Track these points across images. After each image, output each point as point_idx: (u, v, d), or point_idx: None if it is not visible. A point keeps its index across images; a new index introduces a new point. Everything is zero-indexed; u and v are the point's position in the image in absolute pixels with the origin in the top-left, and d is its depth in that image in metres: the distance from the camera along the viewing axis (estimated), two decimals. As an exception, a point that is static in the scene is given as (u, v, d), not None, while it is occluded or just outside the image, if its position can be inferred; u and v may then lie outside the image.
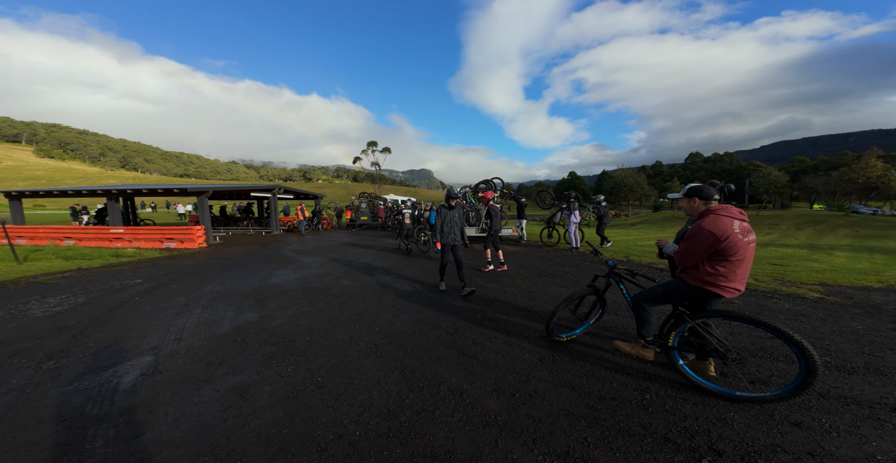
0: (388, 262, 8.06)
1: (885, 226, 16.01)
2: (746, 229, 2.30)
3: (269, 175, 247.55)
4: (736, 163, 58.77)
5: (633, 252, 8.96)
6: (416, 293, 5.38)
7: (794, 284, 5.67)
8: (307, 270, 7.28)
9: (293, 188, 16.82)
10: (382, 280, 6.26)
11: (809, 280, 5.88)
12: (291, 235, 14.72)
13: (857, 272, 6.64)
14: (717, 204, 2.47)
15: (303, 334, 3.79)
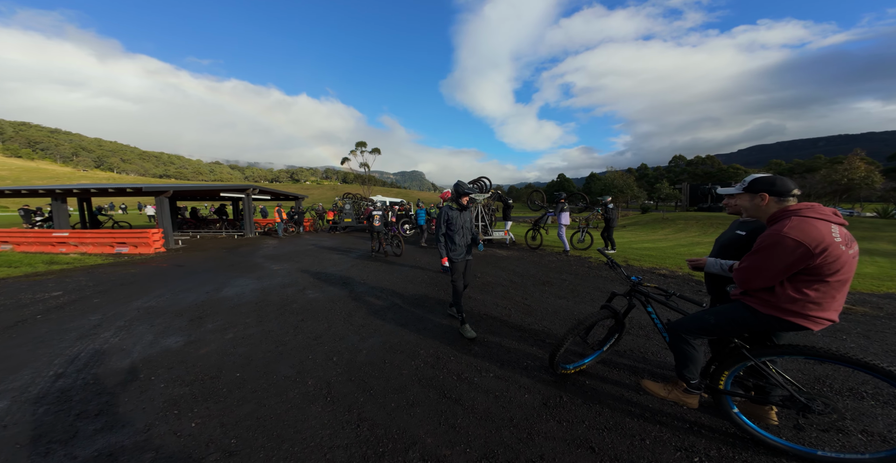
0: (367, 269, 7.21)
1: (871, 228, 16.12)
2: (848, 238, 1.61)
3: (254, 176, 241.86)
4: (717, 166, 60.40)
5: (632, 256, 8.38)
6: (395, 309, 4.57)
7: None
8: (271, 279, 6.36)
9: (270, 189, 15.72)
10: (356, 292, 5.42)
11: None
12: (267, 239, 13.64)
13: (870, 277, 6.20)
14: (797, 201, 1.78)
15: (233, 368, 2.94)
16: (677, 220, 21.51)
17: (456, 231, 3.65)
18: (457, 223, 3.65)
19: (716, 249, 2.26)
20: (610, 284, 5.65)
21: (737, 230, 2.14)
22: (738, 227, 2.17)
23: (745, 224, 2.12)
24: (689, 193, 32.21)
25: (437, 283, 5.93)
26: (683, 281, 5.92)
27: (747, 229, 2.07)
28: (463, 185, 3.64)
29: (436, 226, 3.68)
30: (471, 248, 3.86)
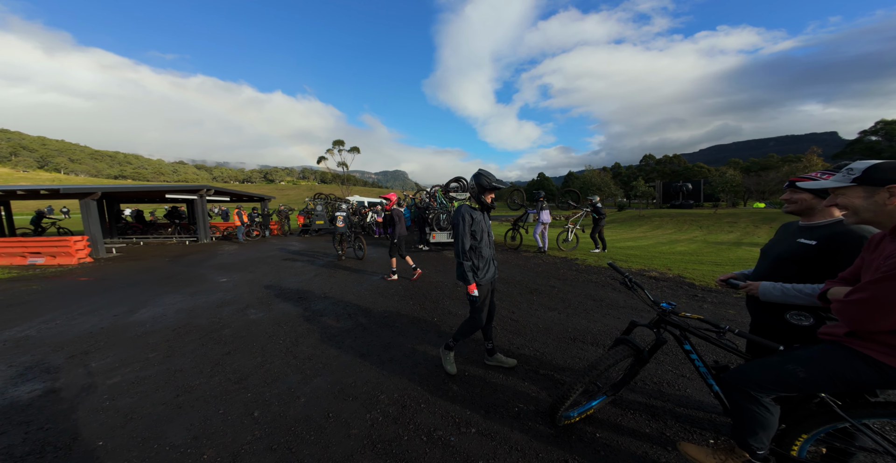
0: (332, 279, 6.29)
1: (829, 222, 16.94)
2: None
3: (223, 176, 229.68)
4: (683, 164, 63.51)
5: (618, 256, 7.98)
6: (356, 331, 3.74)
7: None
8: (208, 294, 5.32)
9: (229, 189, 14.22)
10: (313, 309, 4.52)
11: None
12: (226, 245, 12.26)
13: None
14: None
15: (98, 431, 2.05)
16: (653, 218, 21.92)
17: (481, 241, 2.58)
18: (482, 229, 2.59)
19: (766, 265, 1.65)
20: (604, 292, 5.10)
21: (799, 238, 1.53)
22: (798, 233, 1.56)
23: (810, 230, 1.52)
24: (662, 191, 33.31)
25: (413, 294, 5.15)
26: (676, 284, 5.48)
27: (818, 237, 1.47)
28: (488, 175, 2.54)
29: (454, 235, 2.60)
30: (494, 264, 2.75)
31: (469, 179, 2.82)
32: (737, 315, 4.00)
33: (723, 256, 8.74)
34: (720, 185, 24.62)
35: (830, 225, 1.47)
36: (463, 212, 2.58)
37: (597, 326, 3.71)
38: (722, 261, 7.79)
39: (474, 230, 2.55)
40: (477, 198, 2.63)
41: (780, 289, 1.46)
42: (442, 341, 3.39)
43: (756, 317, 1.71)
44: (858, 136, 40.50)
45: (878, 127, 38.33)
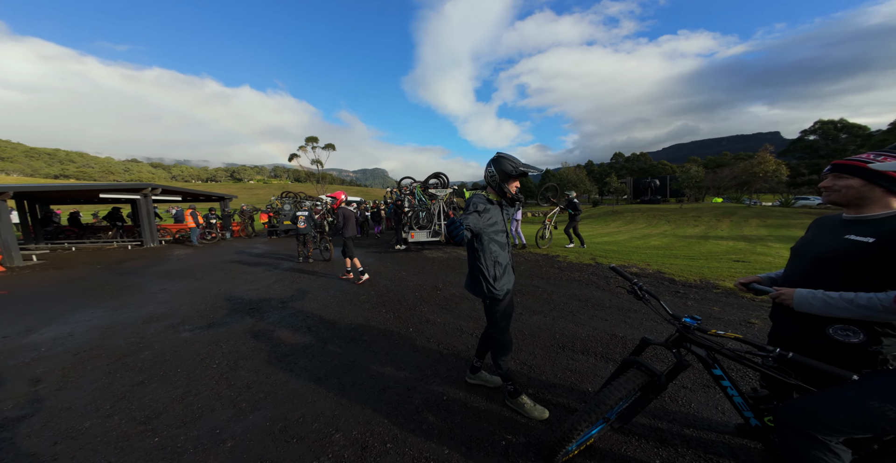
0: (295, 286, 5.63)
1: (782, 216, 18.20)
2: None
3: (183, 175, 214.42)
4: (649, 162, 67.13)
5: (597, 252, 7.88)
6: (314, 350, 3.19)
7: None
8: (138, 308, 4.51)
9: (180, 188, 12.80)
10: (265, 322, 3.89)
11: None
12: (177, 249, 11.02)
13: None
14: None
15: None
16: (625, 213, 22.65)
17: (499, 241, 2.09)
18: (499, 228, 2.08)
19: (802, 267, 1.33)
20: (588, 291, 4.85)
21: (847, 234, 1.22)
22: (844, 228, 1.25)
23: (862, 224, 1.20)
24: (633, 187, 34.83)
25: (386, 301, 4.63)
26: (657, 280, 5.36)
27: (878, 233, 1.15)
28: (512, 159, 2.00)
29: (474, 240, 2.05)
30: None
31: (489, 166, 2.20)
32: (721, 312, 3.85)
33: (694, 249, 8.91)
34: (686, 181, 25.98)
35: (893, 218, 1.16)
36: (475, 200, 2.04)
37: (585, 331, 3.40)
38: (695, 255, 7.90)
39: (491, 222, 2.03)
40: (498, 188, 2.03)
41: (823, 298, 1.14)
42: (418, 357, 2.94)
43: (784, 330, 1.38)
44: (799, 135, 44.36)
45: (816, 127, 42.17)
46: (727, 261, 6.93)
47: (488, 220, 2.02)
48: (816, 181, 41.28)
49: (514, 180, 2.05)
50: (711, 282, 5.14)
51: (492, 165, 2.04)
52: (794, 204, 23.93)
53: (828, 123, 41.49)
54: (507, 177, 2.00)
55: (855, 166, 1.16)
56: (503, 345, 2.16)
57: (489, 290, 2.04)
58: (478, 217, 1.97)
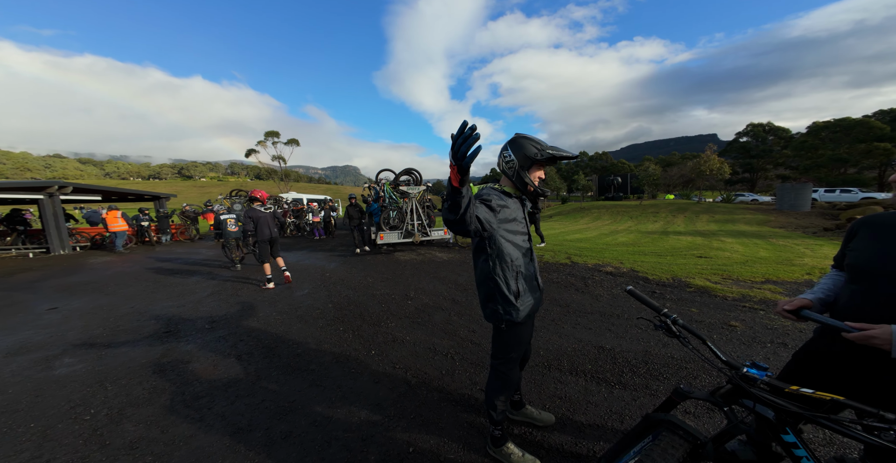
0: (234, 300, 4.79)
1: (726, 211, 19.78)
2: None
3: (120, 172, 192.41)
4: (609, 161, 71.52)
5: (571, 250, 7.77)
6: (240, 387, 2.53)
7: (752, 284, 4.84)
8: (9, 334, 3.49)
9: (98, 186, 10.88)
10: (176, 354, 3.11)
11: (756, 277, 5.22)
12: (93, 256, 9.35)
13: (773, 262, 6.45)
14: None
15: None
16: (592, 209, 23.52)
17: (519, 245, 1.60)
18: (519, 228, 1.61)
19: (881, 292, 0.98)
20: (567, 294, 4.56)
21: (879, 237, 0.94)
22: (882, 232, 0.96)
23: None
24: (598, 184, 36.57)
25: (345, 316, 3.99)
26: (631, 280, 5.26)
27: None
28: (536, 141, 1.53)
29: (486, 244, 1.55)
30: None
31: (504, 150, 1.57)
32: (700, 314, 3.71)
33: (659, 245, 9.17)
34: (644, 178, 27.63)
35: None
36: (485, 193, 1.56)
37: (570, 344, 3.05)
38: (661, 251, 8.07)
39: (507, 219, 1.53)
40: (517, 178, 1.54)
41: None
42: (380, 391, 2.39)
43: (852, 371, 1.04)
44: (735, 137, 49.19)
45: (749, 129, 46.98)
46: (691, 257, 7.11)
47: (505, 217, 1.53)
48: (749, 179, 46.62)
49: (538, 168, 1.59)
50: (683, 280, 5.12)
51: (508, 149, 1.56)
52: (735, 200, 26.32)
53: (758, 126, 46.39)
54: (529, 163, 1.52)
55: None
56: (507, 381, 1.68)
57: (506, 311, 1.53)
58: (487, 211, 1.44)
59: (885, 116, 28.80)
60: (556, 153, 1.50)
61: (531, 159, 1.50)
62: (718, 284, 4.88)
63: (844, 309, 1.06)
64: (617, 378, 2.51)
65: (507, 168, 1.57)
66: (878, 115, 29.89)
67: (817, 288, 1.20)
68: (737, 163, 43.36)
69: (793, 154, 34.98)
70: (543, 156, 1.49)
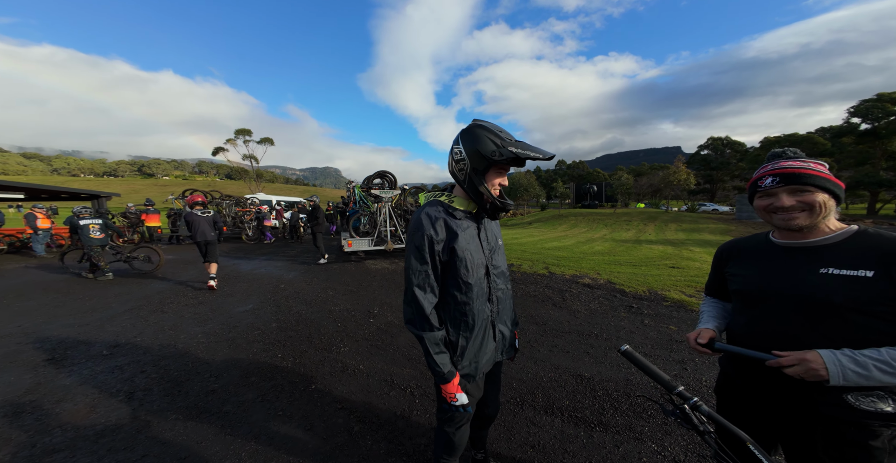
0: (153, 318, 4.04)
1: (692, 220, 20.69)
2: None
3: (70, 168, 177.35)
4: (586, 169, 74.47)
5: (549, 260, 7.53)
6: (109, 439, 1.93)
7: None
8: None
9: (15, 182, 9.43)
10: (46, 390, 2.42)
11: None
12: (9, 261, 8.02)
13: None
14: None
15: None
16: (569, 217, 23.85)
17: (468, 285, 1.16)
18: (469, 260, 1.15)
19: (783, 315, 0.93)
20: (544, 309, 4.22)
21: (822, 269, 0.89)
22: (806, 260, 0.93)
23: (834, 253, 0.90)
24: (575, 192, 37.54)
25: (291, 337, 3.40)
26: (609, 292, 5.02)
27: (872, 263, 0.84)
28: (496, 132, 1.09)
29: (409, 272, 1.14)
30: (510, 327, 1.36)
31: (455, 144, 1.04)
32: (680, 332, 3.47)
33: (633, 254, 9.17)
34: (618, 187, 28.57)
35: (860, 238, 0.88)
36: (424, 217, 1.13)
37: (546, 372, 2.67)
38: (636, 261, 8.02)
39: (449, 260, 1.14)
40: (469, 185, 1.13)
41: (863, 364, 0.78)
42: (312, 442, 1.87)
43: (765, 395, 0.98)
44: (697, 150, 52.50)
45: (709, 142, 50.32)
46: (665, 267, 7.06)
47: (443, 253, 1.13)
48: (709, 190, 49.90)
49: (499, 172, 1.14)
50: (659, 293, 4.96)
51: (460, 143, 1.12)
52: (698, 209, 27.76)
53: (717, 140, 49.81)
54: (485, 164, 1.08)
55: (818, 176, 0.89)
56: (451, 445, 1.30)
57: (449, 368, 1.15)
58: (427, 275, 1.11)
59: (825, 133, 31.67)
60: (521, 152, 1.06)
61: (487, 160, 1.07)
62: (693, 297, 4.73)
63: (746, 336, 1.02)
64: (597, 417, 2.14)
65: (458, 170, 1.14)
66: (819, 132, 32.84)
67: (707, 317, 1.18)
68: (699, 174, 46.21)
69: (747, 166, 37.66)
70: (504, 155, 1.05)
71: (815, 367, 0.79)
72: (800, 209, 0.90)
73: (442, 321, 1.17)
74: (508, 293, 1.32)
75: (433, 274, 1.12)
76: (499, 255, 1.29)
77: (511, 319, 1.37)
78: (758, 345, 0.93)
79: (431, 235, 1.10)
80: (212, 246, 5.43)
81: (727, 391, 1.13)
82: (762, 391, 0.98)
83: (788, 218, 0.91)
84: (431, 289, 1.12)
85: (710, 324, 1.14)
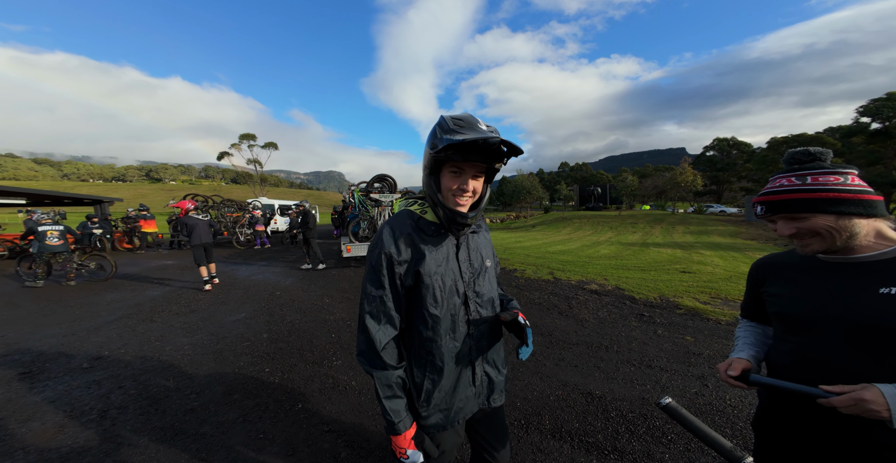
0: (141, 327, 3.89)
1: (699, 223, 20.31)
2: None
3: (80, 173, 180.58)
4: (589, 171, 74.33)
5: (554, 265, 7.31)
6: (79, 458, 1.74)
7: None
8: None
9: (18, 188, 9.42)
10: (15, 406, 2.28)
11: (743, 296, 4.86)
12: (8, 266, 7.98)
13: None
14: None
15: None
16: (573, 219, 23.56)
17: (435, 315, 0.93)
18: (435, 284, 0.93)
19: (832, 342, 0.79)
20: (550, 318, 4.00)
21: (881, 288, 0.73)
22: (865, 277, 0.77)
23: (888, 270, 0.74)
24: (579, 194, 37.31)
25: (284, 348, 3.23)
26: (618, 299, 4.80)
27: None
28: (451, 122, 0.84)
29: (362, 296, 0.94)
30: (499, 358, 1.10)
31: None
32: (697, 344, 3.24)
33: (641, 258, 8.91)
34: (623, 189, 28.24)
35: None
36: (387, 231, 0.94)
37: (552, 388, 2.46)
38: (644, 265, 7.76)
39: (414, 286, 0.94)
40: (431, 192, 0.92)
41: None
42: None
43: (812, 429, 0.82)
44: (702, 151, 51.92)
45: (715, 143, 49.78)
46: (675, 272, 6.80)
47: (405, 276, 0.92)
48: (716, 191, 49.25)
49: (451, 174, 0.89)
50: (671, 300, 4.72)
51: (428, 139, 0.91)
52: (706, 211, 27.30)
53: (723, 141, 49.27)
54: (431, 163, 0.89)
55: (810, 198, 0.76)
56: None
57: (401, 419, 0.92)
58: (382, 302, 0.92)
59: (834, 133, 31.14)
60: (450, 138, 0.80)
61: (432, 157, 0.86)
62: (708, 305, 4.49)
63: (790, 367, 0.87)
64: (611, 442, 1.92)
65: (425, 176, 0.93)
66: (828, 132, 32.30)
67: (742, 344, 1.02)
68: (705, 175, 45.71)
69: (755, 167, 37.12)
70: (437, 147, 0.81)
71: (876, 408, 0.65)
72: (808, 235, 0.79)
73: (402, 358, 0.96)
74: (496, 326, 1.06)
75: (391, 301, 0.91)
76: (485, 279, 1.03)
77: (501, 359, 1.11)
78: (805, 377, 0.79)
79: (391, 254, 0.90)
80: (210, 248, 5.73)
81: (767, 426, 0.97)
82: (808, 425, 0.83)
83: (802, 244, 0.82)
84: (388, 319, 0.92)
85: (745, 352, 0.98)
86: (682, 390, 2.45)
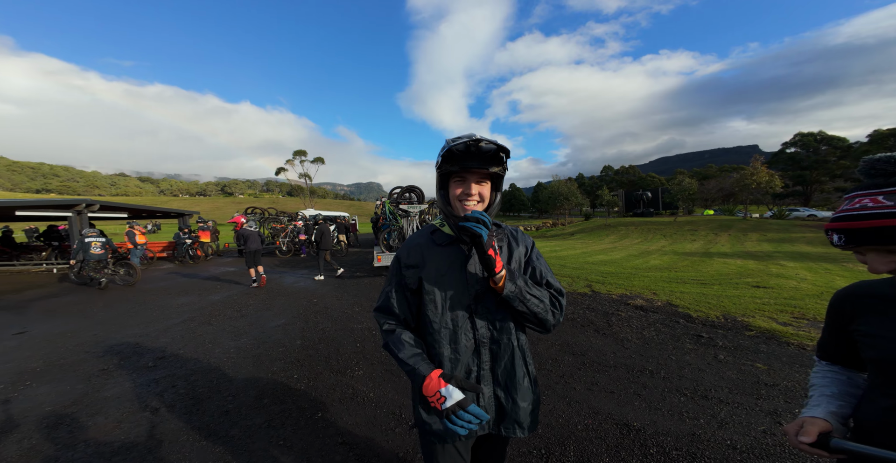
0: (199, 330, 4.38)
1: (780, 229, 17.54)
2: None
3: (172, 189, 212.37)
4: (637, 174, 68.28)
5: (593, 277, 6.76)
6: (110, 460, 1.94)
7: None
8: None
9: (123, 203, 11.35)
10: (90, 401, 2.63)
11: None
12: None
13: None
14: None
15: None
16: (619, 227, 21.76)
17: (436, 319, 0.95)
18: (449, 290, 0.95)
19: None
20: (584, 337, 3.67)
21: None
22: None
23: None
24: (624, 200, 34.43)
25: (312, 356, 3.39)
26: (669, 317, 4.26)
27: None
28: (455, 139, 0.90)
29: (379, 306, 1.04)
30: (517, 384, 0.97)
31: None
32: (771, 374, 2.73)
33: (701, 270, 7.88)
34: (678, 193, 25.50)
35: None
36: (410, 238, 1.10)
37: (581, 417, 2.21)
38: (704, 278, 6.85)
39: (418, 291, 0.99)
40: (440, 205, 1.00)
41: None
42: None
43: None
44: (781, 147, 45.08)
45: (797, 139, 42.94)
46: (745, 287, 5.89)
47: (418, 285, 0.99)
48: (802, 193, 42.17)
49: (458, 182, 0.94)
50: (739, 319, 4.07)
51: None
52: (789, 216, 23.47)
53: (808, 136, 42.35)
54: (438, 176, 0.97)
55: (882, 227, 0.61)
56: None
57: (415, 408, 1.00)
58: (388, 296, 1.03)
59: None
60: (447, 145, 0.89)
61: (438, 175, 0.97)
62: (789, 326, 3.78)
63: (889, 429, 0.66)
64: None
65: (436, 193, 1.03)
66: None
67: (820, 397, 0.81)
68: (785, 175, 39.53)
69: (853, 165, 31.17)
70: (440, 155, 0.93)
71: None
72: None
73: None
74: (511, 347, 0.96)
75: (397, 297, 1.00)
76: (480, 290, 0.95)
77: (520, 388, 0.96)
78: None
79: (401, 258, 1.03)
80: (258, 253, 7.09)
81: None
82: None
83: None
84: (391, 314, 1.02)
85: (823, 407, 0.77)
86: (745, 428, 2.06)
